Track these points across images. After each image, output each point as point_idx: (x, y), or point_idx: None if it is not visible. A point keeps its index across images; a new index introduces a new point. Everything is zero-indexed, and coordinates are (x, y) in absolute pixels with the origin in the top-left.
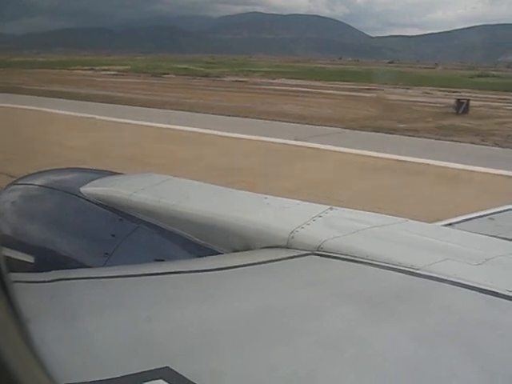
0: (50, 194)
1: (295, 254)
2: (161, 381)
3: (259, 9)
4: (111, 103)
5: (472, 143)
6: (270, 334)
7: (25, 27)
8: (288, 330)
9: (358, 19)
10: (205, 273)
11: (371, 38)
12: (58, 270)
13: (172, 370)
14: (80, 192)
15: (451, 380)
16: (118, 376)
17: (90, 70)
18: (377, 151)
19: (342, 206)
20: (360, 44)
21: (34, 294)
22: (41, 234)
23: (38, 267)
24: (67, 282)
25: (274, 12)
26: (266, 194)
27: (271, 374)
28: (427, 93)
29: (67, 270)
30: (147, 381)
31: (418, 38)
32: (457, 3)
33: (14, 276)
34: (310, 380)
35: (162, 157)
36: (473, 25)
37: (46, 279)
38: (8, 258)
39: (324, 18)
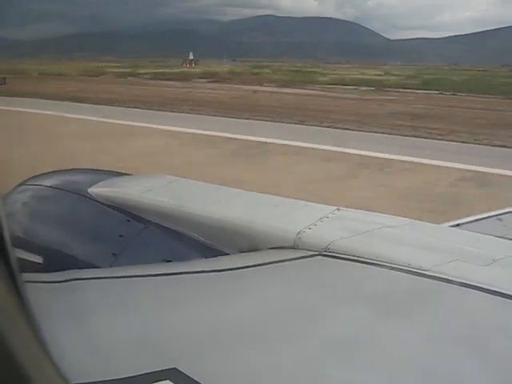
0: (57, 195)
1: (302, 255)
2: (168, 382)
3: (269, 12)
4: None
5: None
6: (277, 336)
7: (35, 32)
8: (296, 331)
9: (367, 22)
10: (212, 273)
11: (389, 40)
12: (65, 270)
13: (179, 371)
14: (88, 193)
15: (461, 381)
16: (125, 376)
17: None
18: None
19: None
20: (381, 47)
21: (46, 294)
22: (49, 234)
23: (45, 267)
24: (78, 282)
25: (285, 15)
26: None
27: (279, 376)
28: None
29: (78, 270)
30: (154, 382)
31: (443, 41)
32: (464, 6)
33: (26, 276)
34: (319, 383)
35: None
36: (497, 27)
37: (57, 279)
38: (17, 259)
39: (339, 20)
